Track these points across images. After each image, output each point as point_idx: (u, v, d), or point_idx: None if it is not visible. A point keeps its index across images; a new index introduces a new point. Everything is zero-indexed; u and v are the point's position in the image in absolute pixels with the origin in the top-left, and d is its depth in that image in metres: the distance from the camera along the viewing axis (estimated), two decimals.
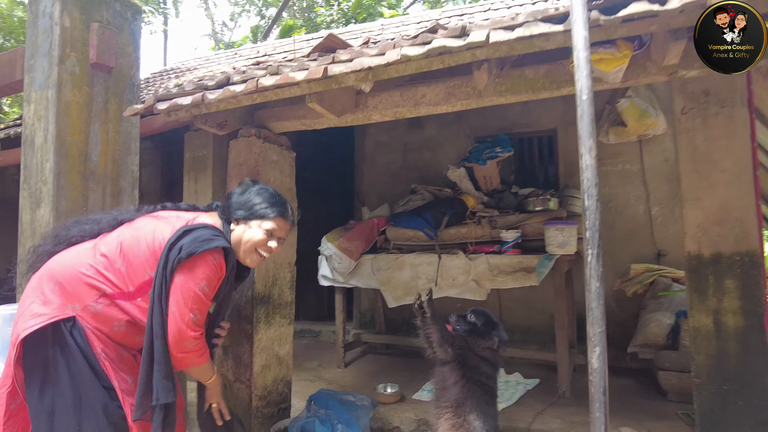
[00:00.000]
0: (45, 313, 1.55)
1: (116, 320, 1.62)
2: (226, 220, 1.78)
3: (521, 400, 3.41)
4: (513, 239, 3.57)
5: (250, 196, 1.79)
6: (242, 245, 1.75)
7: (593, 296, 0.99)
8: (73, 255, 1.67)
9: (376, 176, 5.30)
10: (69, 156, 2.31)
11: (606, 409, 0.98)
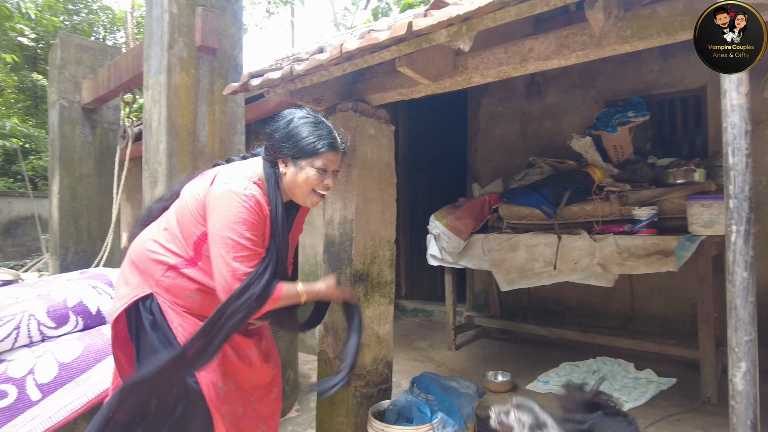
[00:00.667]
0: (126, 294, 1.61)
1: (187, 290, 1.60)
2: (271, 161, 1.62)
3: (652, 401, 2.97)
4: (647, 217, 3.07)
5: (292, 130, 1.59)
6: (297, 188, 1.61)
7: (738, 290, 0.70)
8: (143, 235, 1.71)
9: (490, 150, 4.97)
10: (179, 137, 2.43)
11: None
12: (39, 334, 2.18)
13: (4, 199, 10.08)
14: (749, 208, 0.72)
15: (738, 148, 0.75)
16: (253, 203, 1.51)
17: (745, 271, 0.70)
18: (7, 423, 1.98)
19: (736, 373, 0.71)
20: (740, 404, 0.71)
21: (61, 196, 3.56)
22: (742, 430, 0.70)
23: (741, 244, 0.72)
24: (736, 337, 0.70)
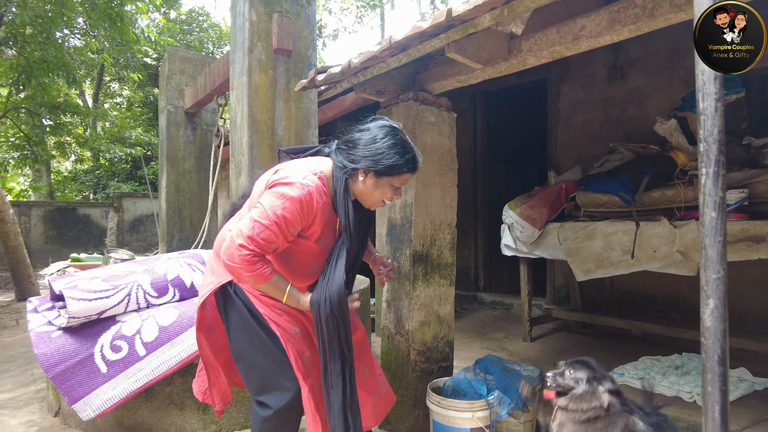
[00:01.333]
0: (212, 282, 1.73)
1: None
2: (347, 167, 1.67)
3: (742, 400, 2.74)
4: (736, 201, 2.85)
5: (380, 148, 1.64)
6: (370, 197, 1.73)
7: (707, 230, 0.71)
8: (224, 228, 1.82)
9: (571, 138, 4.82)
10: (259, 131, 2.71)
11: (725, 383, 0.70)
12: (145, 302, 2.56)
13: (130, 200, 11.52)
14: (718, 150, 0.73)
15: (707, 93, 0.76)
16: (304, 192, 1.57)
17: (714, 211, 0.71)
18: (121, 372, 2.37)
19: (705, 310, 0.72)
20: (708, 340, 0.72)
21: (168, 191, 4.07)
22: (710, 365, 0.71)
23: (710, 185, 0.73)
24: (705, 275, 0.71)
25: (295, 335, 1.71)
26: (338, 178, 1.68)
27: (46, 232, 10.83)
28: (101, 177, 14.32)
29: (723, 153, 0.74)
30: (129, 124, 14.20)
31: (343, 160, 1.69)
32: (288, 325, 1.71)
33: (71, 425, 2.63)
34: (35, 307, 2.65)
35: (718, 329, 0.71)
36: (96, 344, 2.39)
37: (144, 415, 2.47)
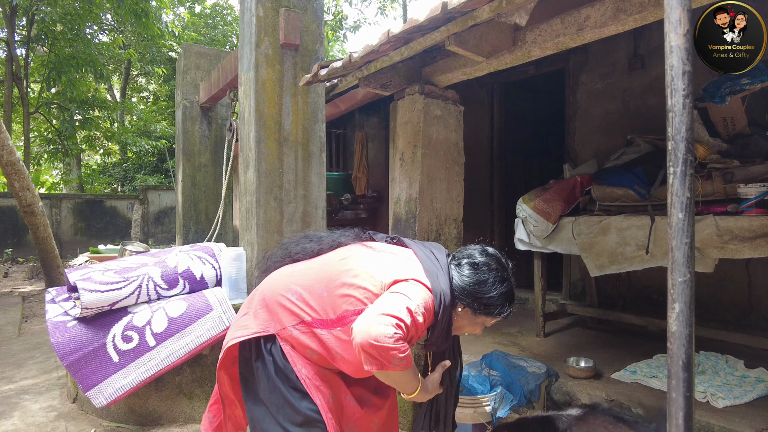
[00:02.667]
0: (250, 327, 1.57)
1: (309, 348, 1.54)
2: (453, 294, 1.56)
3: (759, 402, 2.65)
4: (756, 195, 2.74)
5: (488, 291, 1.54)
6: (460, 330, 1.63)
7: (674, 231, 0.68)
8: (284, 276, 1.66)
9: (589, 130, 4.70)
10: (266, 126, 2.73)
11: (690, 389, 0.68)
12: (155, 294, 2.63)
13: (155, 192, 11.80)
14: (686, 149, 0.70)
15: (676, 89, 0.73)
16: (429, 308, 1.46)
17: (681, 212, 0.68)
18: (132, 362, 2.44)
19: (670, 314, 0.70)
20: (674, 345, 0.69)
21: (184, 184, 4.16)
22: (674, 370, 0.69)
23: (678, 185, 0.70)
24: (671, 278, 0.69)
25: (333, 403, 1.56)
26: (448, 308, 1.53)
27: (75, 224, 11.19)
28: (128, 170, 14.70)
29: (691, 152, 0.71)
30: (154, 118, 14.52)
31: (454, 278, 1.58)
32: (327, 392, 1.56)
33: (88, 411, 2.73)
34: (53, 297, 2.75)
35: (683, 334, 0.69)
36: (108, 334, 2.46)
37: (154, 404, 2.54)
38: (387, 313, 1.34)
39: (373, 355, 1.32)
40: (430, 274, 1.52)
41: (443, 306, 1.49)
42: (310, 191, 2.82)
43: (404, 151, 2.61)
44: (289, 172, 2.79)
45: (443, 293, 1.50)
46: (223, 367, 1.69)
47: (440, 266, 1.58)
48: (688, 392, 0.69)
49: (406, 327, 1.33)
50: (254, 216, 2.66)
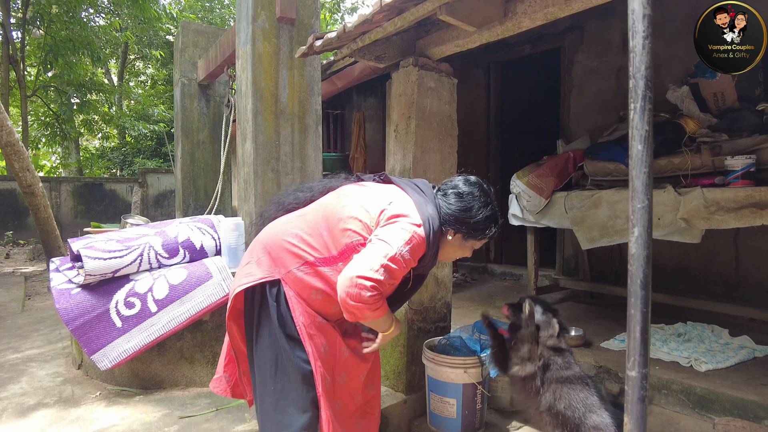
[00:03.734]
0: (254, 274, 1.62)
1: (314, 288, 1.61)
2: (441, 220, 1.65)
3: (741, 366, 2.74)
4: (742, 167, 2.81)
5: (474, 215, 1.65)
6: (449, 254, 1.73)
7: (634, 162, 0.75)
8: (282, 223, 1.72)
9: (584, 108, 4.75)
10: (263, 99, 2.78)
11: (647, 305, 0.75)
12: (156, 262, 2.70)
13: (154, 175, 11.83)
14: (645, 86, 0.76)
15: (636, 31, 0.79)
16: (425, 237, 1.55)
17: (640, 144, 0.75)
18: (135, 327, 2.52)
19: (631, 238, 0.76)
20: (633, 266, 0.76)
21: (183, 161, 4.21)
22: (633, 289, 0.76)
23: (637, 120, 0.76)
24: (631, 205, 0.75)
25: (324, 353, 1.65)
26: (437, 232, 1.62)
27: (75, 207, 11.25)
28: (127, 154, 14.71)
29: (650, 89, 0.77)
30: (152, 102, 14.49)
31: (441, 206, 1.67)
32: (320, 342, 1.64)
33: (92, 376, 2.82)
34: (57, 266, 2.82)
35: (641, 255, 0.75)
36: (111, 300, 2.54)
37: (157, 368, 2.63)
38: (363, 275, 1.43)
39: (348, 310, 1.47)
40: (418, 205, 1.60)
41: (433, 233, 1.58)
42: (307, 163, 2.88)
43: (398, 123, 2.67)
44: (285, 144, 2.85)
45: (431, 219, 1.58)
46: (232, 318, 1.73)
47: (427, 197, 1.66)
48: (645, 308, 0.76)
49: (380, 284, 1.44)
50: (252, 187, 2.73)
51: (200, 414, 2.33)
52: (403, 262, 1.49)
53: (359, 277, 1.43)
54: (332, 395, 1.68)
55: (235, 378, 1.87)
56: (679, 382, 2.59)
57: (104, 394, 2.59)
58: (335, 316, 1.68)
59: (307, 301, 1.62)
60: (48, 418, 2.31)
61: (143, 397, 2.54)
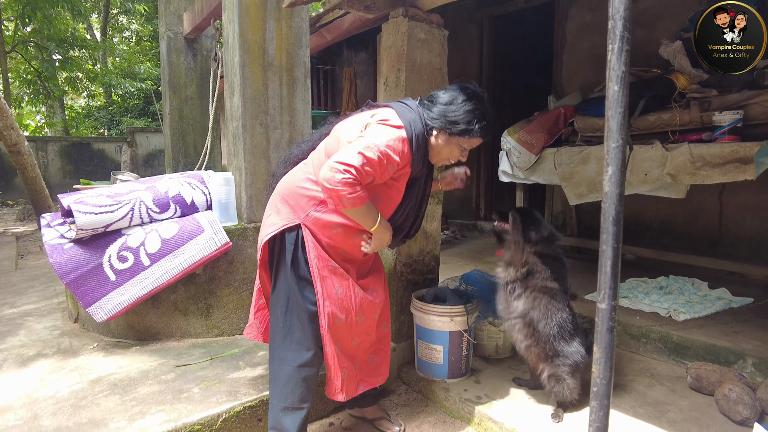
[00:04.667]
0: (276, 223, 1.79)
1: (333, 224, 1.75)
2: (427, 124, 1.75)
3: (716, 316, 2.86)
4: (730, 123, 2.83)
5: (456, 109, 1.73)
6: (436, 155, 1.81)
7: (610, 102, 0.76)
8: (293, 173, 1.88)
9: (577, 64, 4.71)
10: (250, 51, 2.73)
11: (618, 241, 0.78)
12: (148, 217, 2.72)
13: (143, 135, 11.66)
14: (623, 27, 0.77)
15: None
16: (406, 135, 1.67)
17: (617, 85, 0.76)
18: (128, 280, 2.56)
19: (605, 177, 0.80)
20: (606, 203, 0.80)
21: (171, 117, 4.16)
22: (605, 225, 0.79)
23: (615, 60, 0.77)
24: (606, 145, 0.78)
25: (338, 296, 1.78)
26: (420, 133, 1.73)
27: (63, 167, 11.11)
28: (114, 113, 14.43)
29: (628, 30, 0.78)
30: (138, 59, 14.09)
31: (424, 115, 1.77)
32: (332, 284, 1.78)
33: (89, 329, 2.88)
34: (48, 222, 2.83)
35: (614, 193, 0.78)
36: (104, 255, 2.57)
37: (152, 320, 2.69)
38: (339, 160, 1.57)
39: (328, 195, 1.62)
40: (400, 113, 1.73)
41: (415, 134, 1.69)
42: (296, 118, 2.86)
43: (388, 76, 2.64)
44: (274, 97, 2.82)
45: (413, 122, 1.71)
46: (263, 267, 1.91)
47: (410, 107, 1.79)
48: (616, 244, 0.80)
49: (356, 170, 1.56)
50: (241, 141, 2.72)
51: (196, 363, 2.41)
52: (380, 154, 1.60)
53: (336, 162, 1.57)
54: (347, 334, 1.84)
55: (265, 323, 2.05)
56: (657, 330, 2.70)
57: (101, 346, 2.66)
58: (355, 248, 1.82)
59: (329, 238, 1.77)
60: (48, 368, 2.38)
61: (140, 348, 2.61)
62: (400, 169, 1.72)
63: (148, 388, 2.14)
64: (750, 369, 2.36)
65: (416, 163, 1.74)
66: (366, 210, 1.67)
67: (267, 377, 2.22)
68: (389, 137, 1.64)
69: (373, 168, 1.61)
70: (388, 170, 1.67)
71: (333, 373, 1.84)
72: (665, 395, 2.29)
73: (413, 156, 1.71)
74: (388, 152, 1.62)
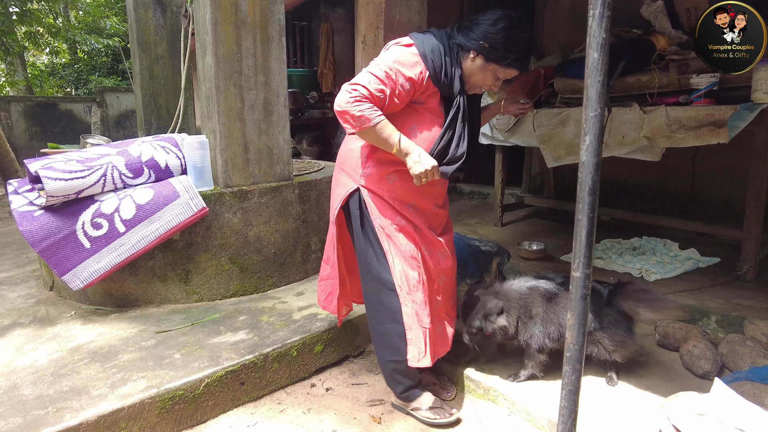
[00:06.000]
0: (338, 194, 1.89)
1: (386, 173, 1.79)
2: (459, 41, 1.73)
3: (685, 275, 2.97)
4: (707, 85, 2.84)
5: (496, 33, 1.68)
6: (471, 79, 1.77)
7: (590, 70, 0.75)
8: (342, 144, 1.96)
9: (558, 22, 4.64)
10: (222, 7, 2.60)
11: (593, 210, 0.79)
12: (121, 182, 2.65)
13: (113, 94, 11.21)
14: None
15: None
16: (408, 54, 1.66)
17: (597, 52, 0.75)
18: (104, 247, 2.51)
19: (582, 146, 0.80)
20: (583, 173, 0.80)
21: (141, 76, 3.99)
22: (582, 195, 0.80)
23: (595, 27, 0.76)
24: (585, 113, 0.77)
25: (405, 253, 1.80)
26: (450, 48, 1.72)
27: (29, 129, 10.67)
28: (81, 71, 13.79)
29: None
30: (103, 13, 13.38)
31: (461, 37, 1.73)
32: (400, 241, 1.80)
33: (66, 297, 2.84)
34: (15, 189, 2.73)
35: (591, 163, 0.79)
36: (77, 222, 2.51)
37: (130, 287, 2.67)
38: (350, 82, 1.61)
39: (340, 118, 1.63)
40: (412, 35, 1.73)
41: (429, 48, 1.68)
42: (271, 78, 2.77)
43: (366, 34, 2.57)
44: (248, 57, 2.72)
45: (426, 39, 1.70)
46: (340, 241, 2.01)
47: (430, 32, 1.78)
48: (591, 213, 0.81)
49: (363, 87, 1.57)
50: (214, 103, 2.63)
51: (176, 328, 2.41)
52: (388, 69, 1.61)
53: (346, 84, 1.61)
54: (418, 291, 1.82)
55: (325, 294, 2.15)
56: None
57: (79, 313, 2.63)
58: (420, 194, 1.83)
59: (389, 191, 1.78)
60: (25, 337, 2.35)
61: (119, 315, 2.60)
62: (420, 87, 1.69)
63: (129, 355, 2.15)
64: (713, 326, 2.47)
65: (441, 80, 1.70)
66: (382, 128, 1.62)
67: (248, 341, 2.25)
68: (397, 53, 1.65)
69: (384, 84, 1.60)
70: (404, 87, 1.64)
71: (414, 334, 1.81)
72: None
73: (434, 72, 1.67)
74: (396, 67, 1.62)
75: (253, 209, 2.77)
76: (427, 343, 1.80)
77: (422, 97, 1.72)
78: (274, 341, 2.25)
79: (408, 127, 1.73)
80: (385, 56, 1.67)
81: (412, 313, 1.80)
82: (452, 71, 1.71)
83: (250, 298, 2.78)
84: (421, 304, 1.81)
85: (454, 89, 1.74)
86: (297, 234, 2.97)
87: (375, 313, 1.91)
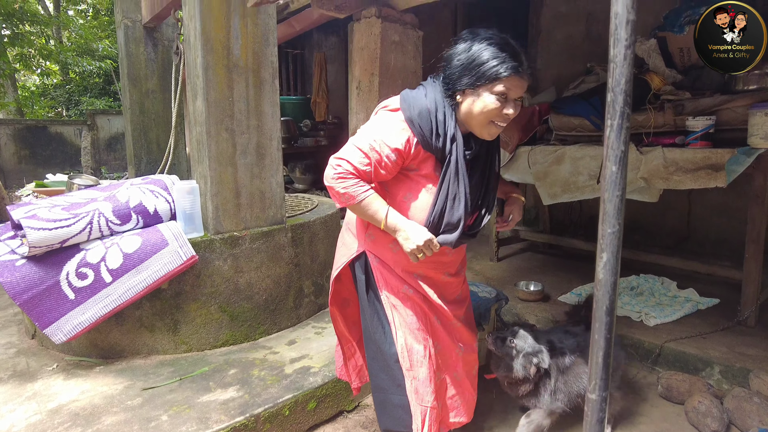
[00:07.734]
0: (344, 254, 1.79)
1: (389, 242, 1.65)
2: (449, 91, 1.53)
3: (685, 319, 2.92)
4: (702, 128, 2.83)
5: (474, 54, 1.43)
6: (474, 119, 1.50)
7: (607, 184, 0.69)
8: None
9: (551, 55, 4.66)
10: (214, 50, 2.56)
11: (610, 332, 0.74)
12: (108, 230, 2.56)
13: (104, 117, 11.12)
14: (624, 102, 0.71)
15: (618, 39, 0.72)
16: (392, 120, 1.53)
17: (615, 165, 0.70)
18: (89, 298, 2.42)
19: (598, 263, 0.75)
20: (599, 291, 0.75)
21: (132, 111, 3.93)
22: (598, 315, 0.75)
23: (614, 138, 0.71)
24: (601, 229, 0.72)
25: (411, 325, 1.70)
26: (440, 103, 1.52)
27: (18, 152, 10.53)
28: (72, 92, 13.70)
29: (629, 104, 0.72)
30: (96, 35, 13.37)
31: (444, 84, 1.54)
32: (405, 313, 1.70)
33: (48, 347, 2.73)
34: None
35: (609, 282, 0.73)
36: (61, 272, 2.42)
37: (116, 338, 2.57)
38: (336, 155, 1.55)
39: (329, 192, 1.57)
40: (402, 95, 1.61)
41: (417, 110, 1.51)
42: (264, 121, 2.72)
43: (361, 80, 2.53)
44: (240, 101, 2.67)
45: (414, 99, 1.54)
46: (335, 304, 1.90)
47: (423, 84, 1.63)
48: (608, 335, 0.75)
49: (347, 162, 1.51)
50: (205, 148, 2.57)
51: (164, 384, 2.31)
52: (372, 141, 1.51)
53: (332, 158, 1.55)
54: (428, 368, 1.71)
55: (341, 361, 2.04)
56: (630, 336, 2.73)
57: (62, 366, 2.53)
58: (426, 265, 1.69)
59: (392, 259, 1.68)
60: (3, 395, 2.24)
61: (104, 368, 2.49)
62: (409, 156, 1.53)
63: (113, 417, 2.04)
64: (717, 377, 2.41)
65: (433, 144, 1.51)
66: (367, 205, 1.52)
67: (238, 400, 2.16)
68: (383, 121, 1.56)
69: (368, 158, 1.50)
70: (389, 158, 1.50)
71: (413, 411, 1.70)
72: (638, 404, 2.33)
73: (422, 137, 1.50)
74: (381, 138, 1.51)
75: (244, 255, 2.69)
76: (425, 422, 1.70)
77: (414, 164, 1.58)
78: (265, 400, 2.15)
79: (401, 197, 1.62)
80: (372, 125, 1.59)
81: (412, 390, 1.70)
82: (445, 128, 1.51)
83: (241, 348, 2.69)
84: (424, 381, 1.70)
85: (447, 148, 1.53)
86: (289, 278, 2.89)
87: (379, 382, 1.79)
